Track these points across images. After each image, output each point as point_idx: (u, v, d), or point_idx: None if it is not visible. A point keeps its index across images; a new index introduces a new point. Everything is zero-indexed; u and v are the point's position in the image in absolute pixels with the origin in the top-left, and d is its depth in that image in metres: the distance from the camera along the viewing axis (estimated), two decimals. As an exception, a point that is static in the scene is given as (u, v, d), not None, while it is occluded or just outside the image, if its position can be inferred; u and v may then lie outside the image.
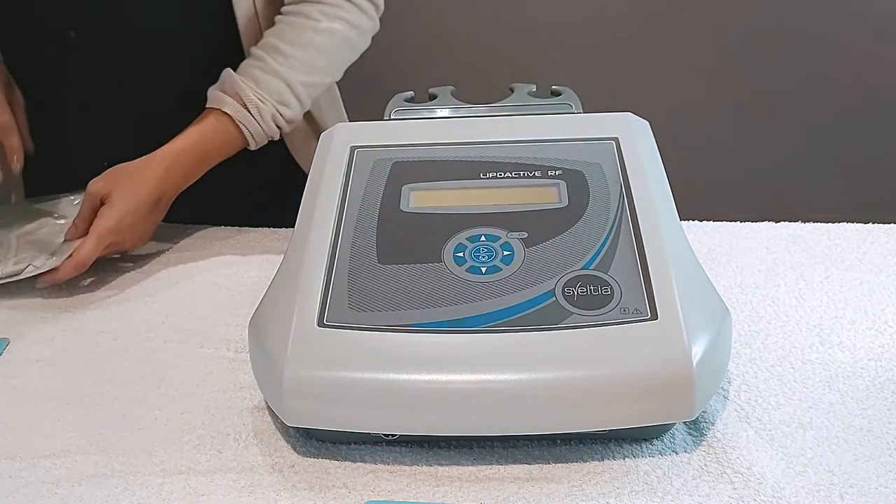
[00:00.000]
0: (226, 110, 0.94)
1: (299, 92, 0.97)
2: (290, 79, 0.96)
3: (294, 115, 0.98)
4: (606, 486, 0.59)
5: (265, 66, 0.96)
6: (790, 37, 1.62)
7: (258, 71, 0.95)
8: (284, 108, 0.96)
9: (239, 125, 0.94)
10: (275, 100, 0.95)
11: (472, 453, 0.63)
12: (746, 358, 0.71)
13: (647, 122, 0.78)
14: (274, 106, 0.95)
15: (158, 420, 0.68)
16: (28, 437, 0.67)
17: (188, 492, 0.61)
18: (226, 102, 0.94)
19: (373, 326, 0.61)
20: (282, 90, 0.96)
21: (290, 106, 0.97)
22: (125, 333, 0.79)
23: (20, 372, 0.75)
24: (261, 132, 0.96)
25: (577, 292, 0.62)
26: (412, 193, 0.72)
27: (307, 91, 0.98)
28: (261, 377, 0.65)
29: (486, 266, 0.65)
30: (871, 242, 0.86)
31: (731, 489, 0.59)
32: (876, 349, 0.72)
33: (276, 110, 0.96)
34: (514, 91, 0.84)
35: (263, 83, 0.95)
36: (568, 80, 0.85)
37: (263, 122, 0.95)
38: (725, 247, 0.86)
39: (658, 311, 0.61)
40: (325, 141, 0.79)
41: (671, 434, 0.64)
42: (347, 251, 0.67)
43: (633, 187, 0.70)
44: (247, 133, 0.95)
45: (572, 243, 0.66)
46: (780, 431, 0.64)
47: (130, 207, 0.88)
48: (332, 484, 0.61)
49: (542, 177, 0.72)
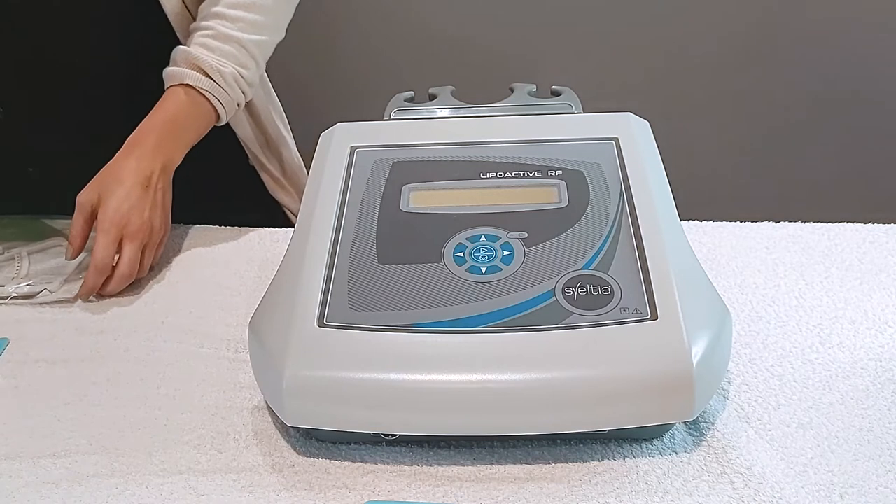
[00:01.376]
0: (187, 82, 0.92)
1: (253, 51, 0.95)
2: (241, 39, 0.94)
3: (253, 76, 0.96)
4: (606, 486, 0.59)
5: (214, 33, 0.94)
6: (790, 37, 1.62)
7: (208, 39, 0.94)
8: (243, 69, 0.95)
9: (204, 94, 0.93)
10: (233, 63, 0.94)
11: (472, 453, 0.63)
12: (746, 358, 0.71)
13: (647, 122, 0.78)
14: (234, 68, 0.94)
15: (158, 420, 0.68)
16: (28, 437, 0.67)
17: (188, 492, 0.61)
18: (185, 75, 0.93)
19: (373, 326, 0.61)
20: (236, 52, 0.94)
21: (248, 67, 0.95)
22: (125, 333, 0.79)
23: (20, 372, 0.75)
24: (228, 97, 0.94)
25: (577, 292, 0.62)
26: (412, 193, 0.72)
27: (260, 50, 0.96)
28: (261, 377, 0.65)
29: (486, 266, 0.65)
30: (871, 242, 0.86)
31: (731, 489, 0.59)
32: (876, 349, 0.72)
33: (237, 72, 0.94)
34: (514, 91, 0.84)
35: (217, 49, 0.93)
36: (568, 81, 0.85)
37: (227, 85, 0.94)
38: (725, 247, 0.86)
39: (658, 311, 0.61)
40: (325, 141, 0.79)
41: (671, 434, 0.64)
42: (347, 251, 0.67)
43: (633, 187, 0.70)
44: (214, 101, 0.93)
45: (572, 243, 0.66)
46: (780, 431, 0.64)
47: (120, 194, 0.86)
48: (332, 484, 0.61)
49: (542, 177, 0.72)
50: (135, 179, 0.88)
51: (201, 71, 0.93)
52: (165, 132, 0.91)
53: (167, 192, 0.92)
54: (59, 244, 0.93)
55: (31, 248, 0.93)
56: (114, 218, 0.86)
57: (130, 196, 0.87)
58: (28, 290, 0.86)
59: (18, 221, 0.98)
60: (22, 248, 0.93)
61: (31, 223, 0.98)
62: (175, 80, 0.93)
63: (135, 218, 0.87)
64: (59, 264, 0.90)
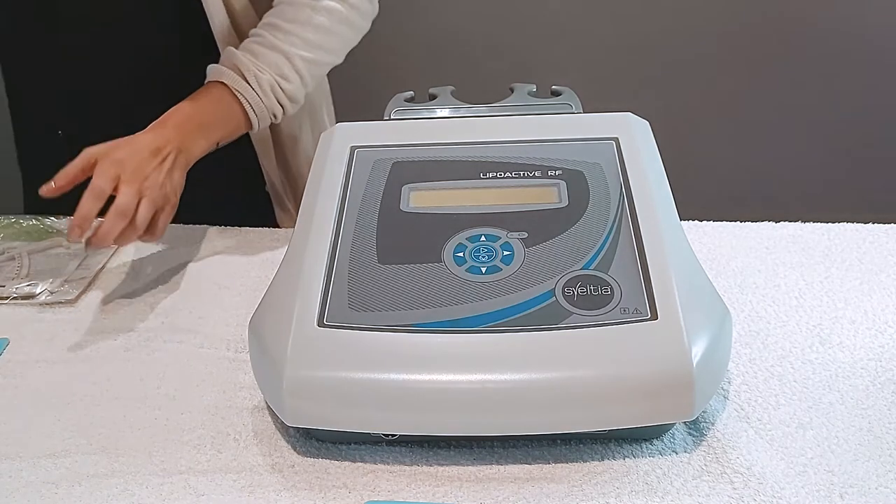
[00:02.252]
0: (223, 80, 0.93)
1: (298, 66, 0.96)
2: (288, 52, 0.95)
3: (294, 90, 0.96)
4: (606, 486, 0.59)
5: (263, 41, 0.95)
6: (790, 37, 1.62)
7: (256, 45, 0.95)
8: (284, 81, 0.95)
9: (237, 94, 0.93)
10: (273, 71, 0.94)
11: (472, 453, 0.63)
12: (746, 358, 0.71)
13: (647, 122, 0.78)
14: (273, 76, 0.94)
15: (158, 420, 0.68)
16: (28, 437, 0.67)
17: (188, 492, 0.61)
18: (223, 73, 0.93)
19: (373, 326, 0.61)
20: (280, 63, 0.95)
21: (290, 80, 0.95)
22: (125, 333, 0.79)
23: (20, 372, 0.75)
24: (260, 104, 0.94)
25: (577, 292, 0.62)
26: (412, 193, 0.72)
27: (307, 67, 0.97)
28: (261, 377, 0.65)
29: (486, 266, 0.65)
30: (871, 242, 0.86)
31: (731, 489, 0.59)
32: (876, 349, 0.72)
33: (276, 81, 0.94)
34: (514, 91, 0.84)
35: (261, 55, 0.94)
36: (568, 81, 0.85)
37: (262, 91, 0.94)
38: (725, 247, 0.86)
39: (658, 311, 0.61)
40: (325, 141, 0.79)
41: (671, 434, 0.64)
42: (347, 251, 0.67)
43: (633, 187, 0.70)
44: (245, 104, 0.93)
45: (572, 243, 0.66)
46: (780, 431, 0.64)
47: (122, 143, 0.85)
48: (332, 484, 0.61)
49: (542, 177, 0.72)
50: (148, 148, 0.86)
51: (239, 73, 0.93)
52: (188, 119, 0.91)
53: (179, 173, 0.89)
54: (59, 244, 0.93)
55: (31, 248, 0.93)
56: (137, 172, 0.84)
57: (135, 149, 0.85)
58: (28, 290, 0.86)
59: (18, 221, 0.98)
60: (22, 248, 0.93)
61: (31, 223, 0.98)
62: (213, 76, 0.94)
63: (130, 167, 0.84)
64: (59, 264, 0.90)
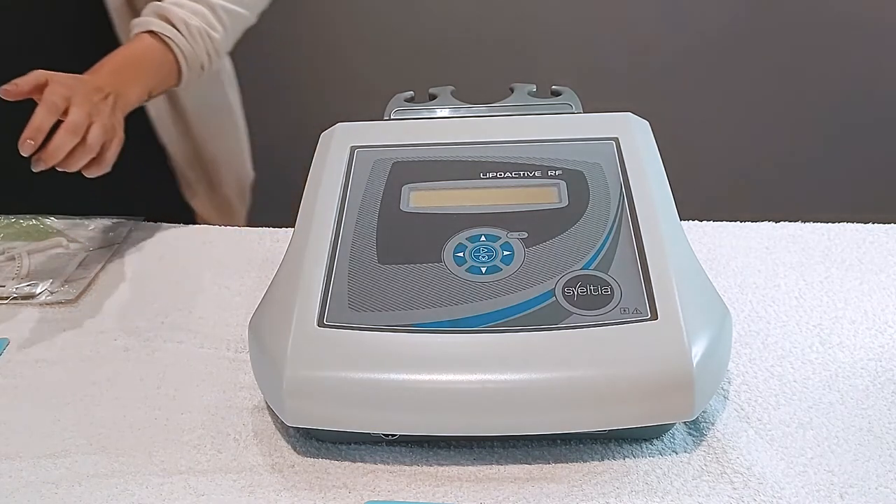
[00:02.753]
0: (152, 28, 0.93)
1: (222, 16, 0.96)
2: (212, 2, 0.96)
3: (221, 42, 0.97)
4: (606, 486, 0.59)
5: None
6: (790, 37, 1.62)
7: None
8: (211, 30, 0.95)
9: (167, 41, 0.93)
10: (201, 20, 0.94)
11: (472, 453, 0.63)
12: (746, 358, 0.71)
13: (647, 122, 0.78)
14: (201, 24, 0.94)
15: (158, 420, 0.68)
16: (28, 437, 0.67)
17: (188, 492, 0.61)
18: (151, 23, 0.93)
19: (373, 326, 0.61)
20: (205, 12, 0.95)
21: (216, 29, 0.96)
22: (125, 333, 0.79)
23: (20, 372, 0.75)
24: (190, 50, 0.94)
25: (577, 292, 0.62)
26: (412, 193, 0.72)
27: (231, 19, 0.97)
28: (261, 377, 0.65)
29: (486, 266, 0.65)
30: (871, 242, 0.86)
31: (731, 489, 0.59)
32: (876, 349, 0.72)
33: (204, 28, 0.95)
34: (514, 91, 0.84)
35: (186, 5, 0.95)
36: (568, 81, 0.85)
37: (192, 38, 0.94)
38: (725, 247, 0.86)
39: (658, 311, 0.61)
40: (325, 141, 0.79)
41: (671, 434, 0.64)
42: (347, 251, 0.67)
43: (633, 187, 0.70)
44: (176, 49, 0.93)
45: (572, 243, 0.66)
46: (780, 431, 0.64)
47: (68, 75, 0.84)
48: (332, 484, 0.61)
49: (542, 177, 0.72)
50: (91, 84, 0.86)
51: (167, 21, 0.93)
52: (122, 66, 0.91)
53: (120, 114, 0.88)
54: (59, 244, 0.93)
55: (31, 248, 0.93)
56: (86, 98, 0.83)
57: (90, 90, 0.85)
58: (28, 290, 0.86)
59: (18, 221, 0.98)
60: (22, 248, 0.93)
61: (31, 223, 0.98)
62: (140, 27, 0.94)
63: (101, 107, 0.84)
64: (59, 264, 0.90)
